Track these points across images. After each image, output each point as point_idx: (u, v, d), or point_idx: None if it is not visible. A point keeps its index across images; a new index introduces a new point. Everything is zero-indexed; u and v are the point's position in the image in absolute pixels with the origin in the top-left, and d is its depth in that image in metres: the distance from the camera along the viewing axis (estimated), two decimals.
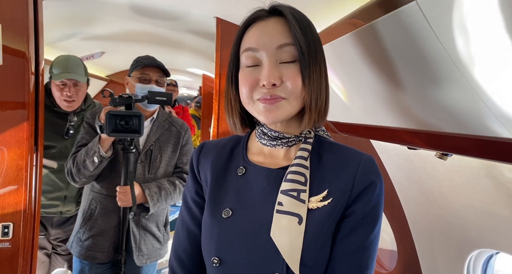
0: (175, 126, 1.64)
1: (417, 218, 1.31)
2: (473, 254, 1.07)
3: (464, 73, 0.57)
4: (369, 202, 0.62)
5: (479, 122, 0.63)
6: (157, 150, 1.56)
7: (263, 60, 0.62)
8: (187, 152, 1.66)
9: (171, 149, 1.60)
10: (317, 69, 0.63)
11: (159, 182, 1.54)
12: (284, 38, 0.62)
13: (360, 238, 0.62)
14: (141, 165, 1.52)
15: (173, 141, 1.61)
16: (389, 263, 1.68)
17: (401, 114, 0.87)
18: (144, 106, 1.52)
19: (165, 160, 1.59)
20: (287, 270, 0.60)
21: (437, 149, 0.82)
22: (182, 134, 1.64)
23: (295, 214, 0.60)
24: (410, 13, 0.58)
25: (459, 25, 0.52)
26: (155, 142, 1.56)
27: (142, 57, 1.56)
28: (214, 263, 0.66)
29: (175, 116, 1.73)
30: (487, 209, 0.90)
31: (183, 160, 1.66)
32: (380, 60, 0.78)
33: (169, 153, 1.60)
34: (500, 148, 0.61)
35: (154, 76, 1.53)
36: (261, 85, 0.62)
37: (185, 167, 1.66)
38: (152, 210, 1.50)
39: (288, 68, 0.62)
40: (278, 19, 0.64)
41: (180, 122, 1.68)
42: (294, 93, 0.62)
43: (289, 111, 0.64)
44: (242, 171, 0.70)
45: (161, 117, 1.62)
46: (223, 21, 1.58)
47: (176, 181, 1.59)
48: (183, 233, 0.77)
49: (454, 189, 1.00)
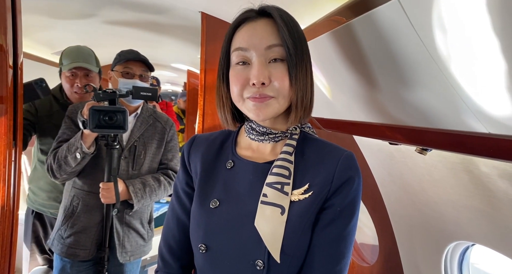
0: (160, 122, 1.61)
1: (397, 212, 1.35)
2: (450, 246, 1.11)
3: (443, 70, 0.59)
4: (347, 195, 0.66)
5: (457, 118, 0.65)
6: (141, 146, 1.53)
7: (253, 60, 0.66)
8: (172, 148, 1.64)
9: (155, 145, 1.58)
10: (303, 69, 0.67)
11: (144, 178, 1.51)
12: (273, 39, 0.65)
13: (337, 229, 0.66)
14: (124, 161, 1.50)
15: (157, 136, 1.59)
16: (370, 256, 1.72)
17: (382, 110, 0.89)
18: (128, 101, 1.49)
19: (149, 156, 1.56)
20: (268, 257, 0.64)
21: (417, 144, 0.84)
22: (167, 130, 1.61)
23: (278, 205, 0.65)
24: (392, 10, 0.59)
25: (440, 22, 0.53)
26: (139, 138, 1.53)
27: (126, 51, 1.52)
28: (201, 249, 0.70)
29: (160, 112, 1.68)
30: (464, 203, 0.93)
31: (168, 156, 1.64)
32: (362, 57, 0.80)
33: (154, 149, 1.57)
34: (476, 143, 0.63)
35: (137, 71, 1.49)
36: (251, 84, 0.65)
37: (170, 163, 1.64)
38: (136, 206, 1.47)
39: (276, 68, 0.65)
40: (267, 20, 0.67)
41: (165, 118, 1.64)
42: (282, 93, 0.66)
43: (277, 109, 0.67)
44: (230, 164, 0.74)
45: (145, 113, 1.58)
46: (208, 16, 1.57)
47: (161, 177, 1.57)
48: (173, 222, 0.81)
49: (433, 183, 1.03)
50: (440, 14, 0.52)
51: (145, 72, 1.51)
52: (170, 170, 1.64)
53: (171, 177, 1.62)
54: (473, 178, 0.86)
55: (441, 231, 1.10)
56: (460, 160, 0.87)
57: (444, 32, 0.54)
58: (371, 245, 1.76)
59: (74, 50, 1.71)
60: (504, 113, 0.55)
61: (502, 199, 0.79)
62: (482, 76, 0.53)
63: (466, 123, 0.64)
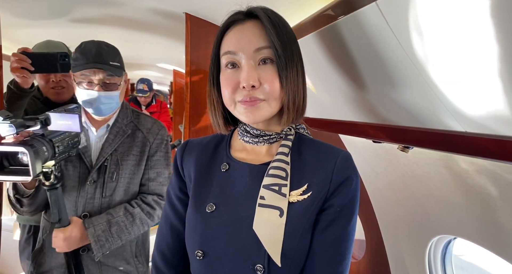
0: (141, 131, 1.30)
1: (383, 207, 1.38)
2: (433, 240, 1.14)
3: (421, 72, 0.61)
4: (346, 195, 0.65)
5: (435, 117, 0.67)
6: (113, 165, 1.22)
7: (242, 63, 0.65)
8: (157, 164, 1.31)
9: (133, 162, 1.26)
10: (294, 70, 0.65)
11: (112, 214, 1.19)
12: (261, 42, 0.64)
13: (338, 230, 0.65)
14: (92, 186, 1.20)
15: (136, 150, 1.27)
16: (358, 252, 1.75)
17: (365, 110, 0.91)
18: (97, 112, 1.20)
19: (125, 178, 1.24)
20: (268, 261, 0.62)
21: (399, 142, 0.87)
22: (150, 141, 1.29)
23: (276, 207, 0.63)
24: (371, 14, 0.61)
25: (416, 25, 0.55)
26: (112, 154, 1.23)
27: (85, 48, 1.16)
28: (198, 256, 0.68)
29: (146, 115, 1.38)
30: (445, 198, 0.96)
31: (150, 174, 1.29)
32: (343, 58, 0.81)
33: (131, 167, 1.25)
34: (454, 141, 0.65)
35: (98, 76, 1.14)
36: (241, 87, 0.64)
37: (152, 184, 1.30)
38: (99, 254, 1.15)
39: (266, 71, 0.64)
40: (255, 22, 0.66)
41: (149, 125, 1.32)
42: (272, 95, 0.65)
43: (269, 112, 0.66)
44: (225, 167, 0.72)
45: (122, 121, 1.28)
46: (192, 17, 1.56)
47: (135, 209, 1.24)
48: (166, 229, 0.79)
49: (416, 179, 1.06)
50: (417, 17, 0.54)
51: (110, 77, 1.16)
52: (151, 195, 1.29)
53: (151, 205, 1.27)
54: (453, 173, 0.88)
55: (424, 226, 1.13)
56: (440, 156, 0.90)
57: (421, 35, 0.56)
58: (358, 241, 1.79)
59: (44, 45, 1.56)
60: (479, 113, 0.57)
61: (480, 193, 0.82)
62: (457, 77, 0.56)
63: (444, 122, 0.66)
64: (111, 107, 1.21)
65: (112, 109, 1.23)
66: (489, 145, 0.57)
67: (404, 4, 0.54)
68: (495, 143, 0.56)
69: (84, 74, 1.14)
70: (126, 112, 1.32)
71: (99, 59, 1.14)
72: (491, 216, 0.82)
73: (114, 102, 1.21)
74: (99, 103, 1.17)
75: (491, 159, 0.58)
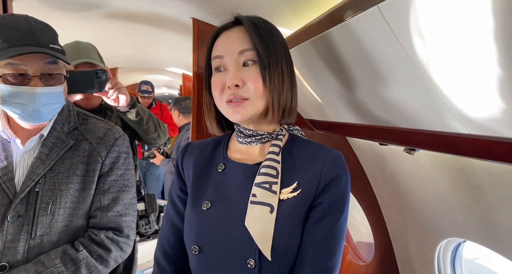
0: (89, 141, 0.94)
1: (391, 210, 1.37)
2: (442, 243, 1.13)
3: (424, 75, 0.61)
4: (336, 193, 0.68)
5: (439, 120, 0.67)
6: (48, 191, 0.86)
7: (228, 65, 0.70)
8: (112, 187, 0.95)
9: (78, 185, 0.90)
10: (278, 70, 0.69)
11: (44, 263, 0.84)
12: (244, 44, 0.69)
13: (327, 226, 0.68)
14: (15, 223, 0.84)
15: (82, 169, 0.91)
16: (366, 255, 1.74)
17: (369, 112, 0.91)
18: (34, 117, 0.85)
19: (65, 209, 0.88)
20: (259, 256, 0.65)
21: (404, 144, 0.87)
22: (102, 155, 0.94)
23: (267, 204, 0.66)
24: (373, 17, 0.61)
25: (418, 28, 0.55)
26: (46, 176, 0.87)
27: (7, 24, 0.79)
28: (194, 251, 0.72)
29: (98, 119, 1.01)
30: (453, 200, 0.96)
31: (103, 201, 0.94)
32: (346, 62, 0.82)
33: (74, 193, 0.90)
34: (458, 143, 0.65)
35: (35, 65, 0.81)
36: (227, 88, 0.69)
37: (106, 215, 0.94)
38: None
39: (249, 71, 0.69)
40: (241, 28, 0.71)
41: (101, 132, 0.96)
42: (255, 93, 0.68)
43: (254, 110, 0.69)
44: (221, 167, 0.76)
45: (62, 128, 0.92)
46: (200, 22, 1.59)
47: (80, 252, 0.88)
48: (168, 226, 0.83)
49: (423, 181, 1.06)
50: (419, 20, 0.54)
51: (54, 66, 0.83)
52: (105, 230, 0.94)
53: (104, 246, 0.91)
54: (460, 176, 0.88)
55: (432, 228, 1.12)
56: (447, 159, 0.89)
57: (422, 38, 0.56)
58: (367, 244, 1.78)
59: (74, 46, 1.40)
60: (482, 115, 0.57)
61: (487, 196, 0.81)
62: (460, 80, 0.56)
63: (448, 124, 0.66)
64: (54, 110, 0.88)
65: (55, 112, 0.90)
66: (493, 146, 0.57)
67: (405, 7, 0.54)
68: (499, 144, 0.56)
69: (11, 64, 0.79)
70: (68, 116, 0.95)
71: (34, 40, 0.79)
72: (499, 218, 0.81)
73: (59, 102, 0.88)
74: (38, 105, 0.82)
75: (495, 160, 0.58)
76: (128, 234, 0.98)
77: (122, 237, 0.96)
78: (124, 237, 0.97)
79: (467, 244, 1.12)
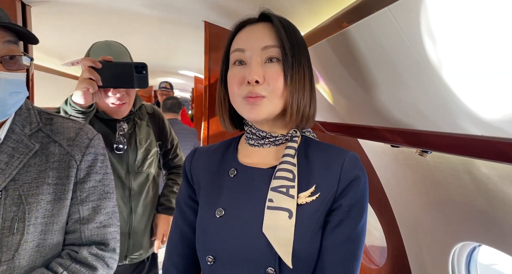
0: (59, 144, 0.79)
1: (404, 214, 1.35)
2: (456, 247, 1.11)
3: (435, 76, 0.60)
4: (355, 195, 0.65)
5: (451, 121, 0.66)
6: (12, 206, 0.72)
7: (249, 60, 0.67)
8: (92, 195, 0.82)
9: (49, 196, 0.75)
10: (301, 71, 0.67)
11: None
12: (269, 40, 0.67)
13: (347, 230, 0.65)
14: None
15: (53, 176, 0.76)
16: (379, 258, 1.72)
17: (381, 114, 0.91)
18: None
19: (35, 225, 0.73)
20: (279, 263, 0.63)
21: (416, 146, 0.86)
22: (76, 158, 0.79)
23: (285, 209, 0.63)
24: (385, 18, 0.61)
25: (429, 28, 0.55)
26: (8, 189, 0.72)
27: None
28: (209, 261, 0.68)
29: (66, 119, 0.85)
30: (467, 203, 0.94)
31: (82, 212, 0.80)
32: (357, 63, 0.81)
33: (46, 206, 0.75)
34: (471, 145, 0.64)
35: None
36: (246, 83, 0.66)
37: (88, 228, 0.81)
38: None
39: (271, 68, 0.66)
40: (266, 24, 0.69)
41: (72, 133, 0.81)
42: (274, 92, 0.66)
43: (271, 110, 0.67)
44: (233, 172, 0.73)
45: (22, 130, 0.76)
46: (211, 25, 1.60)
47: None
48: (176, 236, 0.79)
49: (437, 184, 1.04)
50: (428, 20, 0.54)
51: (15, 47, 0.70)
52: (87, 246, 0.80)
53: (88, 264, 0.78)
54: (474, 178, 0.86)
55: (446, 232, 1.10)
56: (460, 161, 0.88)
57: (433, 39, 0.55)
58: (380, 247, 1.76)
59: (105, 46, 1.25)
60: (494, 116, 0.56)
61: (502, 199, 0.79)
62: (471, 81, 0.55)
63: (461, 126, 0.65)
64: (18, 102, 0.74)
65: (19, 104, 0.75)
66: (507, 148, 0.56)
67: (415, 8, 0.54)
68: None
69: None
70: (28, 116, 0.78)
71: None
72: None
73: (23, 92, 0.74)
74: (4, 94, 0.69)
75: (509, 163, 0.57)
76: (114, 247, 0.85)
77: (108, 251, 0.83)
78: (110, 252, 0.84)
79: (484, 248, 1.10)
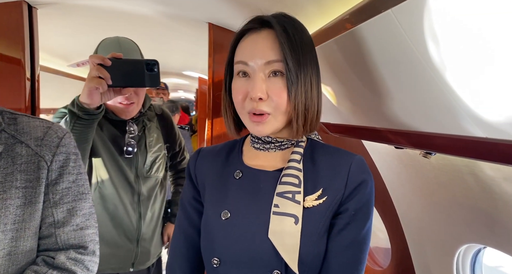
0: (26, 144, 0.73)
1: (408, 215, 1.34)
2: (461, 249, 1.10)
3: (438, 77, 0.60)
4: (361, 199, 0.66)
5: (455, 123, 0.66)
6: None
7: (253, 74, 0.66)
8: (66, 197, 0.76)
9: (19, 200, 0.70)
10: (307, 83, 0.65)
11: None
12: (272, 55, 0.64)
13: (353, 233, 0.65)
14: None
15: (22, 179, 0.71)
16: (383, 260, 1.71)
17: (385, 115, 0.90)
18: None
19: (5, 232, 0.68)
20: (286, 267, 0.63)
21: (420, 148, 0.85)
22: (46, 158, 0.74)
23: (291, 215, 0.63)
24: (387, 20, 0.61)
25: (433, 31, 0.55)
26: None
27: None
28: (214, 263, 0.68)
29: (31, 118, 0.78)
30: (471, 205, 0.93)
31: (56, 215, 0.74)
32: (362, 64, 0.81)
33: (16, 211, 0.69)
34: (475, 146, 0.64)
35: None
36: (249, 99, 0.66)
37: (63, 232, 0.75)
38: None
39: (275, 83, 0.65)
40: (269, 32, 0.66)
41: (39, 132, 0.75)
42: (279, 108, 0.65)
43: (276, 126, 0.67)
44: (239, 174, 0.72)
45: None
46: (215, 26, 1.60)
47: None
48: (180, 238, 0.79)
49: (441, 186, 1.03)
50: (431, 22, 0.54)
51: None
52: (64, 250, 0.75)
53: (67, 269, 0.72)
54: (479, 180, 0.86)
55: (451, 234, 1.10)
56: (464, 163, 0.87)
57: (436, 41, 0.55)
58: (384, 249, 1.75)
59: (114, 42, 1.19)
60: (498, 119, 0.56)
61: (507, 201, 0.79)
62: (475, 83, 0.55)
63: (465, 128, 0.65)
64: None
65: None
66: (510, 150, 0.55)
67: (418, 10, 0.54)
68: None
69: None
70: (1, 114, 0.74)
71: None
72: None
73: None
74: None
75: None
76: (94, 249, 0.80)
77: (87, 254, 0.78)
78: (90, 254, 0.79)
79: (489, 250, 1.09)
